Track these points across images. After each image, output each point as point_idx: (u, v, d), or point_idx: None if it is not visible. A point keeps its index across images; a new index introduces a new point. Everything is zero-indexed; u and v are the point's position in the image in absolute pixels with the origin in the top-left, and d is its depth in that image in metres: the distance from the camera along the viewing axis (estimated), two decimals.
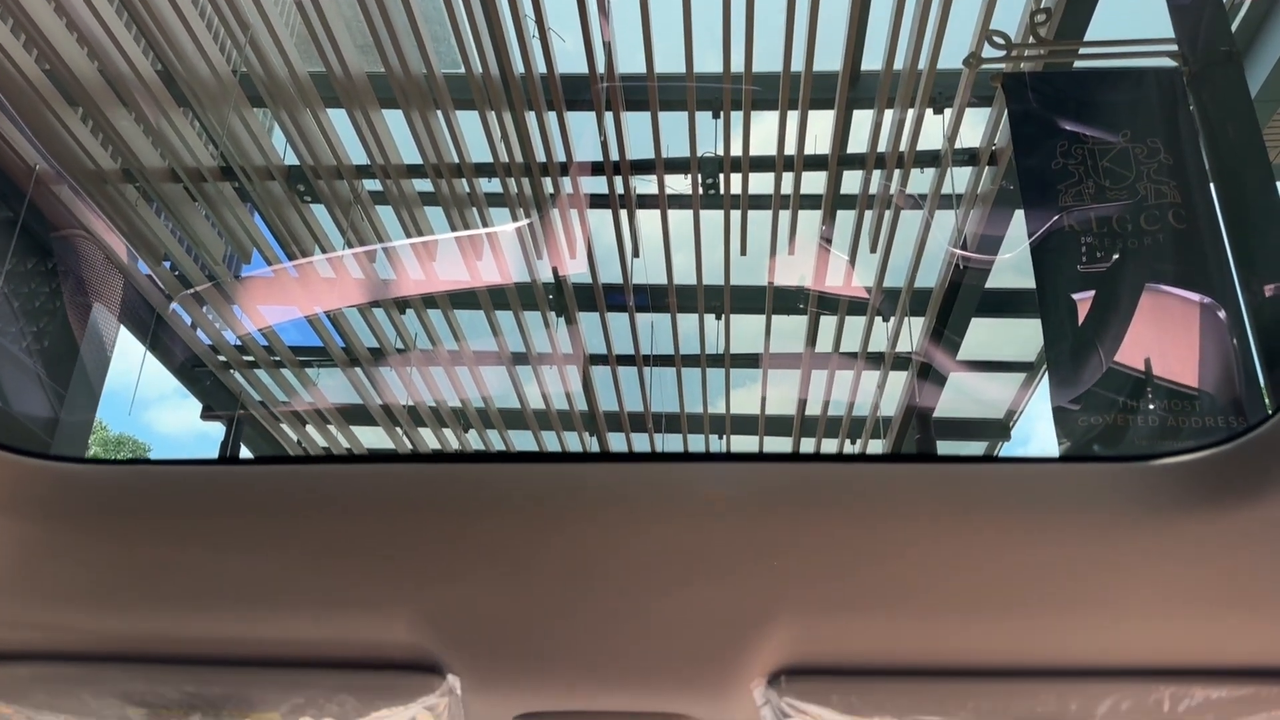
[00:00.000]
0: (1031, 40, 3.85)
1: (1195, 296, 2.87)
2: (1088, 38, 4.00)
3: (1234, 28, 4.37)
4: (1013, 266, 5.26)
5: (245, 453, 6.64)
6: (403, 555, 0.98)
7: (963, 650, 1.03)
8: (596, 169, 5.01)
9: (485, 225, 5.19)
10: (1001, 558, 0.93)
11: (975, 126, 4.81)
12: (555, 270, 5.43)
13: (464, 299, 5.86)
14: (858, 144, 4.95)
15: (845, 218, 5.23)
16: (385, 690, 1.11)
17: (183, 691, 1.12)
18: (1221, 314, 2.82)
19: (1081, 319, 3.01)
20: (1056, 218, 3.20)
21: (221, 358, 6.16)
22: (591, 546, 0.96)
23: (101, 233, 5.12)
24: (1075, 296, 3.05)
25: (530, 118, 4.81)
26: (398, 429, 6.66)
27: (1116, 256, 3.07)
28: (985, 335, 5.70)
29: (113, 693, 1.13)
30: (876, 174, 5.01)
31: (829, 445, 6.72)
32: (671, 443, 6.46)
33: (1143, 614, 0.97)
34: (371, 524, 0.97)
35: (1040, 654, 1.03)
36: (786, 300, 5.71)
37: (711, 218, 5.23)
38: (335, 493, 0.98)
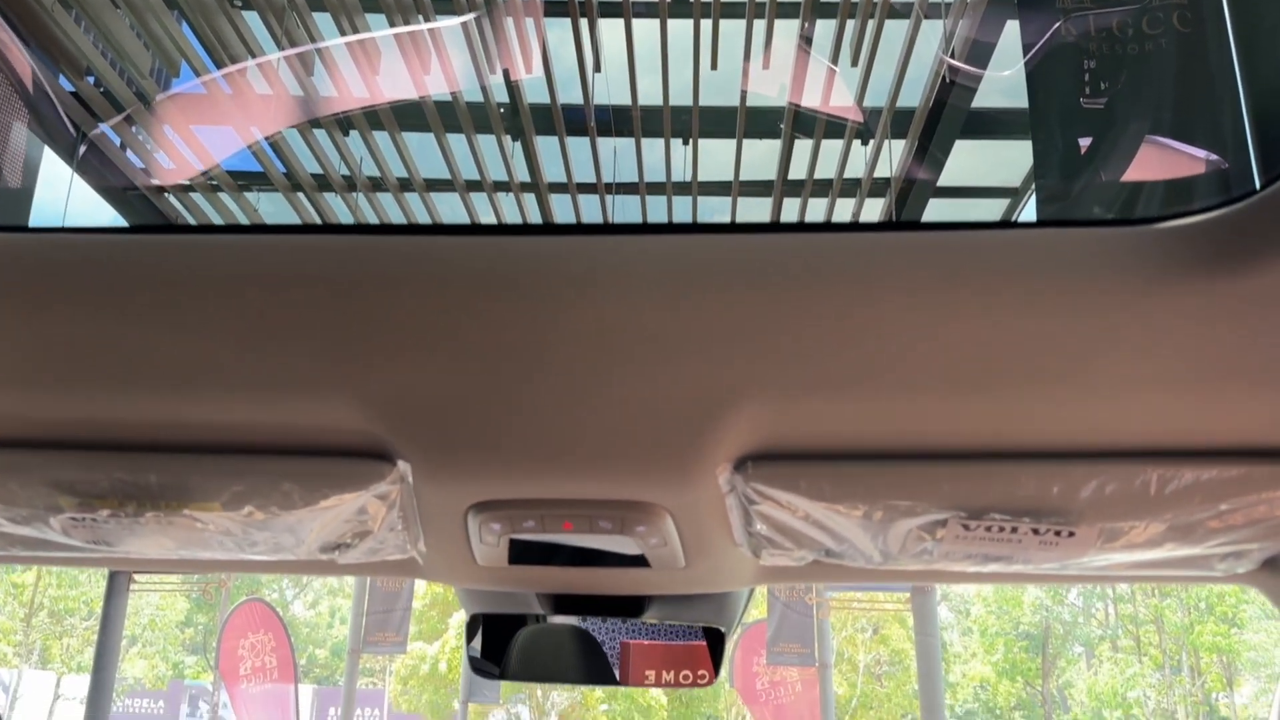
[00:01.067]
0: None
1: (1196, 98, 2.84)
2: None
3: None
4: (1001, 90, 5.19)
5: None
6: (344, 332, 0.93)
7: (939, 432, 1.02)
8: None
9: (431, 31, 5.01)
10: (982, 331, 0.90)
11: None
12: (509, 79, 5.28)
13: (412, 120, 5.72)
14: None
15: (825, 27, 5.10)
16: (332, 477, 1.10)
17: (114, 479, 1.10)
18: (1223, 106, 2.79)
19: (1075, 129, 2.98)
20: (1053, 24, 3.13)
21: (154, 181, 6.01)
22: (545, 324, 0.92)
23: (14, 45, 4.91)
24: (1068, 106, 3.02)
25: None
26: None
27: (1116, 63, 3.02)
28: (969, 160, 5.67)
29: (41, 480, 1.11)
30: None
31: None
32: (628, 211, 6.27)
33: (1131, 391, 0.95)
34: (309, 298, 0.92)
35: (1021, 435, 1.02)
36: (760, 122, 5.62)
37: (680, 30, 5.09)
38: (269, 264, 0.92)
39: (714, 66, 5.22)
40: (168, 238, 0.95)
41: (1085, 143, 3.01)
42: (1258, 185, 0.84)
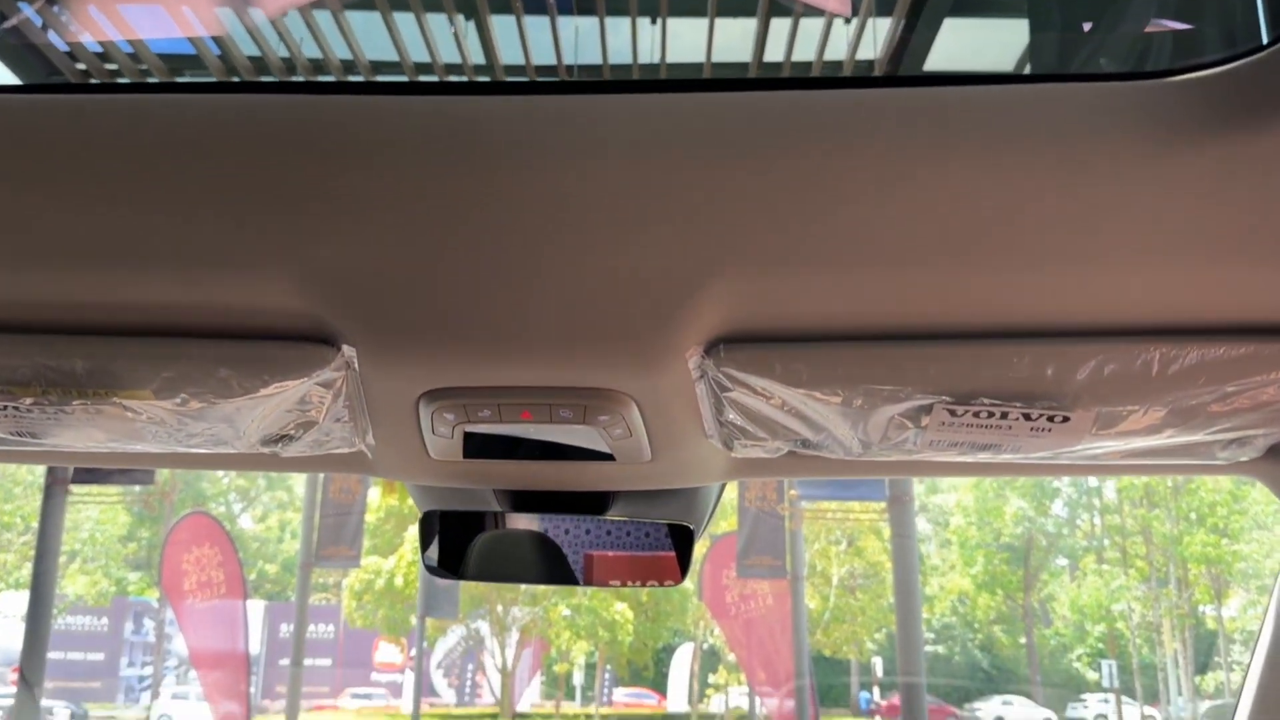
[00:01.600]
0: None
1: None
2: None
3: None
4: None
5: None
6: (278, 201, 0.90)
7: (926, 310, 1.00)
8: None
9: None
10: (977, 197, 0.86)
11: None
12: None
13: None
14: None
15: None
16: (272, 363, 1.07)
17: (36, 364, 1.08)
18: None
19: None
20: None
21: (80, 66, 5.84)
22: (498, 192, 0.89)
23: None
24: None
25: None
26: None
27: None
28: (959, 40, 5.59)
29: None
30: None
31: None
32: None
33: (1137, 262, 0.93)
34: (239, 163, 0.87)
35: (1015, 312, 1.00)
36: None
37: None
38: (195, 126, 0.88)
39: None
40: (76, 97, 0.91)
41: None
42: (1265, 40, 0.81)
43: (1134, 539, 31.04)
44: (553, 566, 1.54)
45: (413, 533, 22.43)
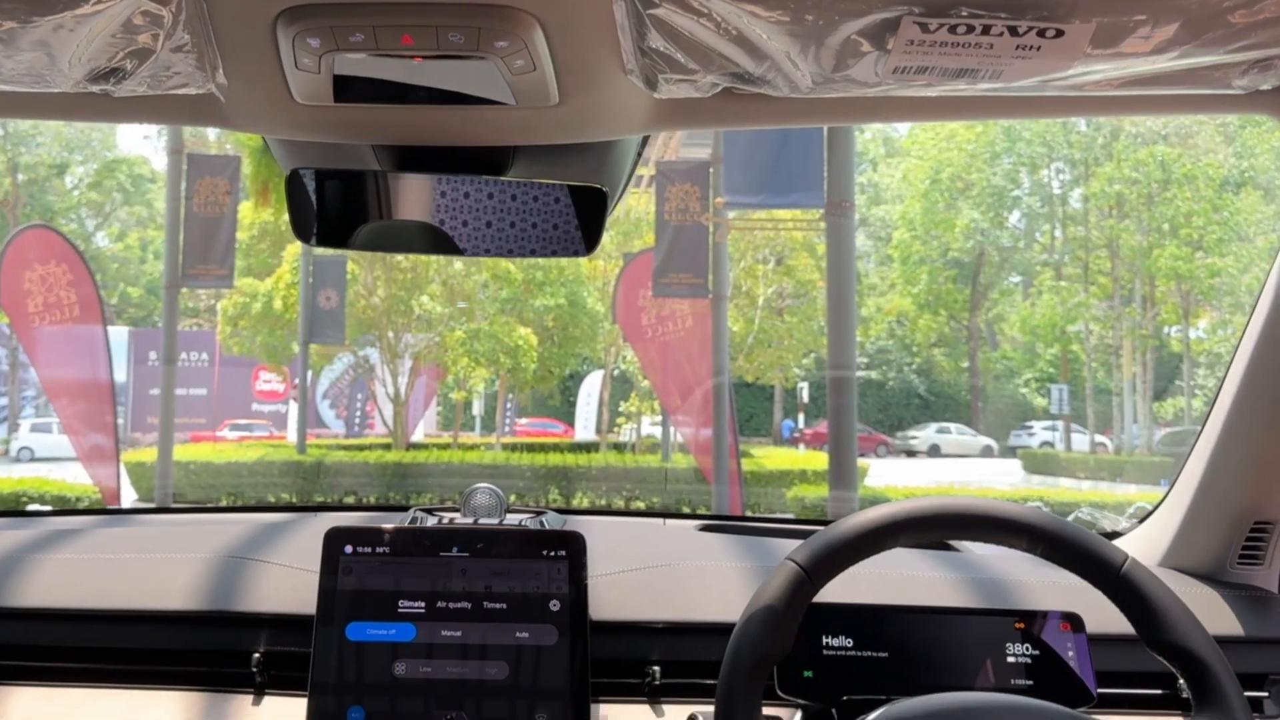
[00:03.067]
0: None
1: None
2: None
3: None
4: None
5: None
6: None
7: None
8: None
9: None
10: None
11: None
12: None
13: None
14: None
15: None
16: None
17: None
18: None
19: None
20: None
21: None
22: None
23: None
24: None
25: None
26: None
27: None
28: None
29: None
30: None
31: None
32: None
33: None
34: None
35: None
36: None
37: None
38: None
39: None
40: None
41: None
42: None
43: (1098, 253, 31.53)
44: (442, 235, 1.45)
45: (293, 251, 22.55)
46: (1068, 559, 1.33)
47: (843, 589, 1.46)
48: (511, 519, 1.72)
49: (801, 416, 35.51)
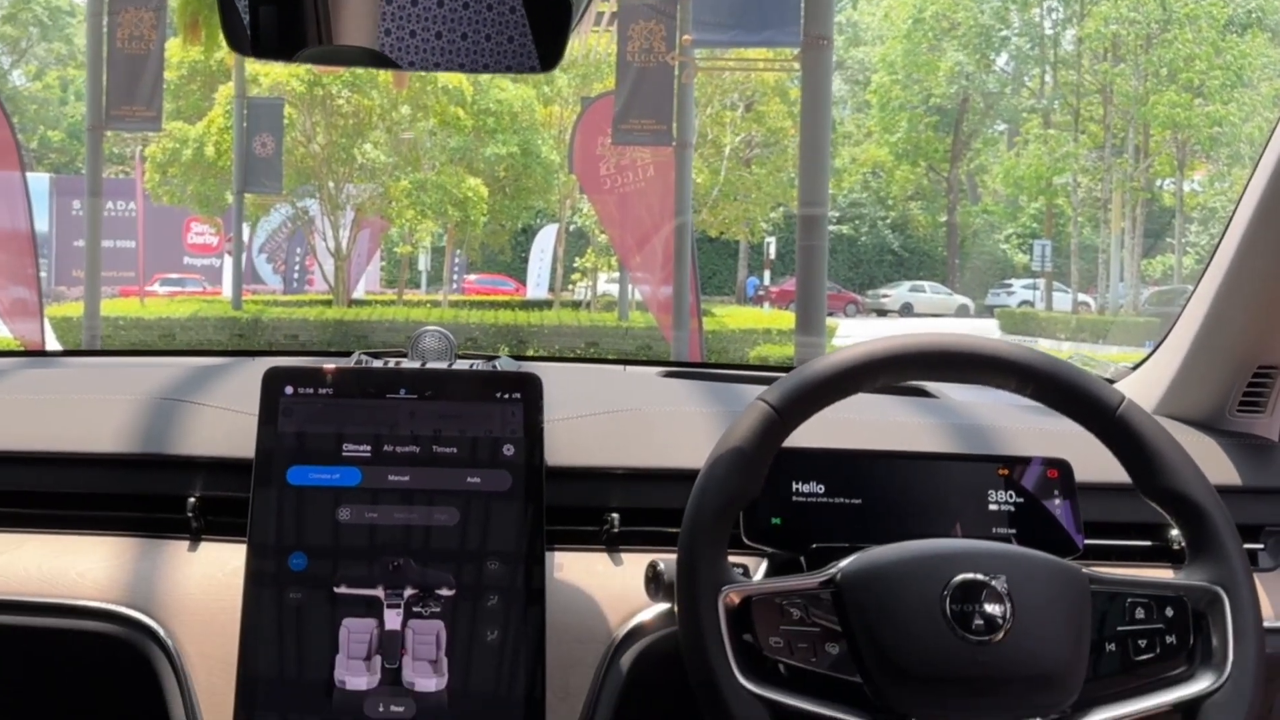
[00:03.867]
0: None
1: None
2: None
3: None
4: None
5: None
6: None
7: None
8: None
9: None
10: None
11: None
12: None
13: None
14: None
15: None
16: None
17: None
18: None
19: None
20: None
21: None
22: None
23: None
24: None
25: None
26: None
27: None
28: None
29: None
30: None
31: None
32: None
33: None
34: None
35: None
36: None
37: None
38: None
39: None
40: None
41: None
42: None
43: (1091, 99, 31.34)
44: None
45: (225, 93, 22.26)
46: (1060, 400, 1.33)
47: (814, 435, 1.45)
48: (462, 365, 1.71)
49: (768, 274, 35.70)
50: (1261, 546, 1.72)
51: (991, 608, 1.23)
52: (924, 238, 42.56)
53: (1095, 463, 1.46)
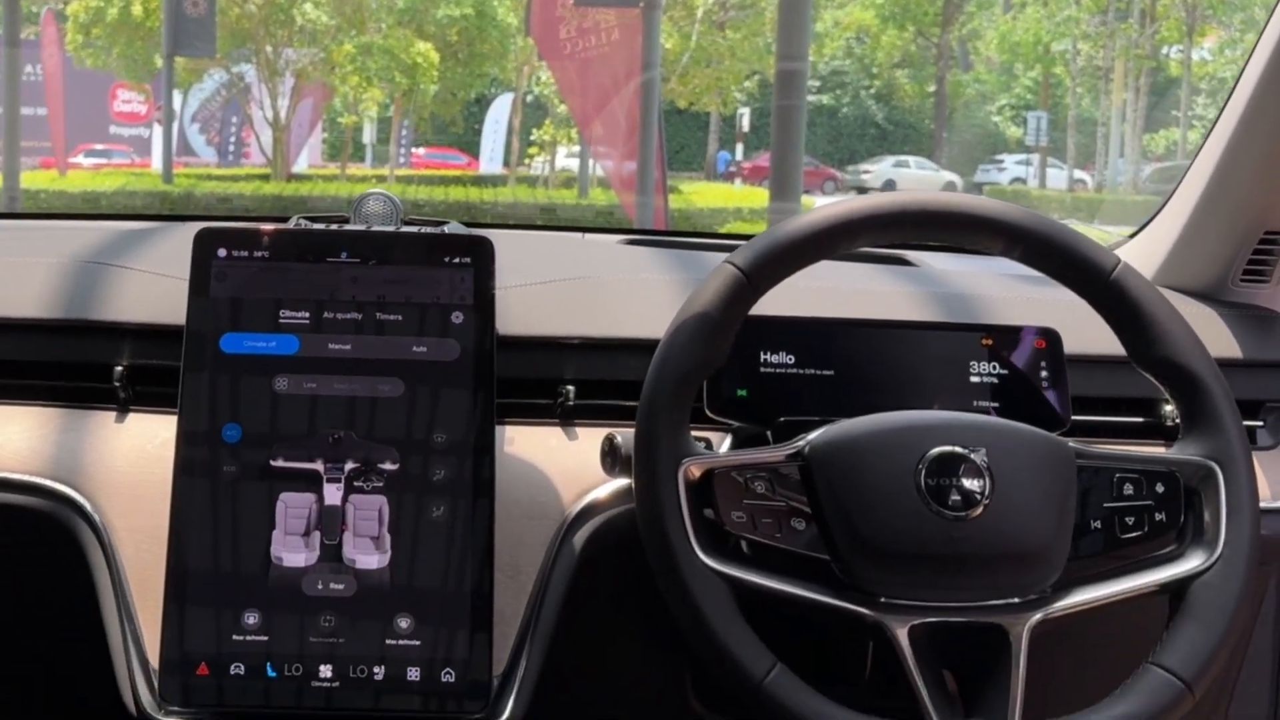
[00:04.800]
0: None
1: None
2: None
3: None
4: None
5: None
6: None
7: None
8: None
9: None
10: None
11: None
12: None
13: None
14: None
15: None
16: None
17: None
18: None
19: None
20: None
21: None
22: None
23: None
24: None
25: None
26: None
27: None
28: None
29: None
30: None
31: None
32: None
33: None
34: None
35: None
36: None
37: None
38: None
39: None
40: None
41: None
42: None
43: None
44: None
45: None
46: (1051, 262, 1.32)
47: (784, 304, 1.45)
48: (409, 231, 1.70)
49: (740, 148, 35.49)
50: (1261, 424, 1.72)
51: (970, 482, 1.24)
52: (910, 109, 42.37)
53: (1087, 334, 1.46)
